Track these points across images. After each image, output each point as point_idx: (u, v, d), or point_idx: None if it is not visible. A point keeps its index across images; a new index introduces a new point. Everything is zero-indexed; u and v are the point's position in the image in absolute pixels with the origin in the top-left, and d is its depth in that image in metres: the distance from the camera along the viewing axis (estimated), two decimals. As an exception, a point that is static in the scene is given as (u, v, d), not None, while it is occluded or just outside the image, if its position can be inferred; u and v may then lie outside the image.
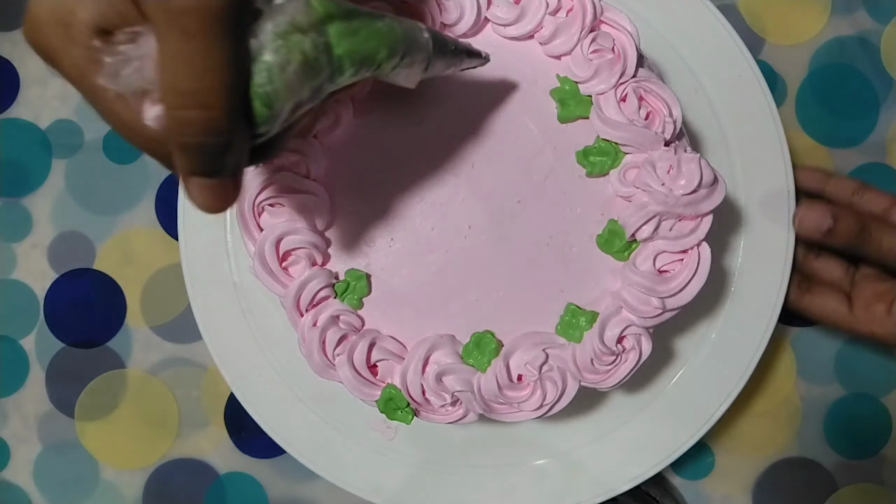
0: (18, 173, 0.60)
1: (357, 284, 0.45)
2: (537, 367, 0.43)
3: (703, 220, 0.42)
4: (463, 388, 0.42)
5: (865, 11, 0.59)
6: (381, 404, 0.43)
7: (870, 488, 0.58)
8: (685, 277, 0.42)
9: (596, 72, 0.43)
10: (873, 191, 0.52)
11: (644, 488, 0.55)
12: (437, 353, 0.43)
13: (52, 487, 0.60)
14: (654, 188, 0.41)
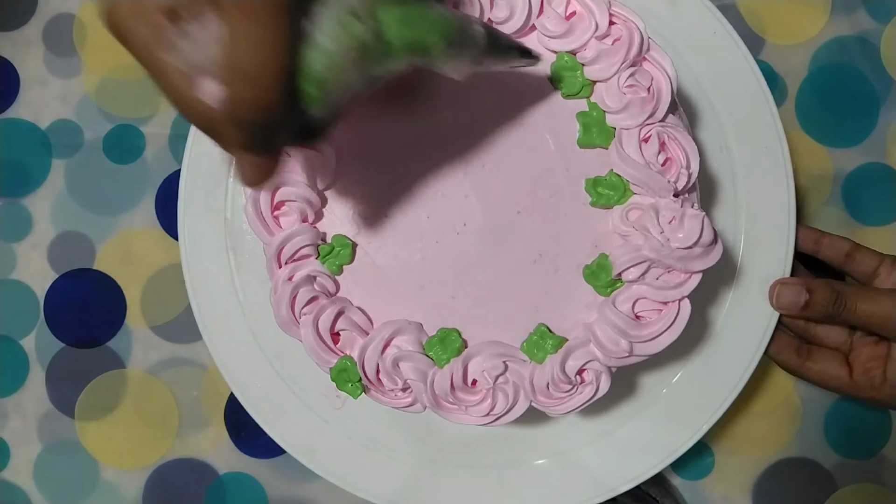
0: (18, 173, 0.60)
1: (341, 251, 0.45)
2: (494, 376, 0.43)
3: (692, 277, 0.42)
4: (417, 377, 0.43)
5: (865, 11, 0.59)
6: (333, 373, 0.44)
7: (870, 488, 0.58)
8: (660, 328, 0.42)
9: (627, 106, 0.43)
10: (865, 252, 0.52)
11: (644, 488, 0.55)
12: (401, 338, 0.44)
13: (52, 487, 0.60)
14: (652, 234, 0.41)
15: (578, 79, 0.44)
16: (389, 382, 0.43)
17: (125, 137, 0.60)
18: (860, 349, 0.51)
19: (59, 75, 0.60)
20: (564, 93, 0.45)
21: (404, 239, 0.45)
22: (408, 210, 0.45)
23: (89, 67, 0.60)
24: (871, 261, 0.52)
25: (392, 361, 0.43)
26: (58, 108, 0.60)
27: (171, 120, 0.60)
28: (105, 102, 0.60)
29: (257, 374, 0.53)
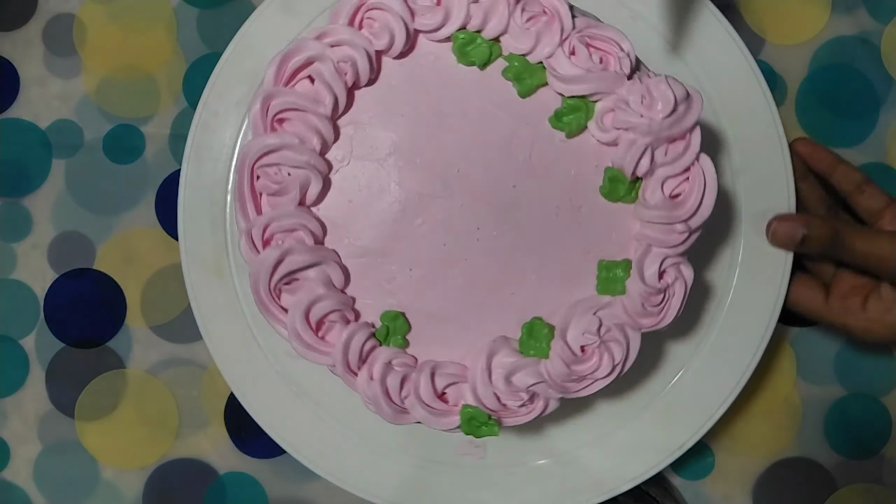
0: (18, 173, 0.60)
1: (395, 325, 0.44)
2: (595, 332, 0.42)
3: (692, 133, 0.42)
4: (534, 380, 0.42)
5: (866, 11, 0.59)
6: (464, 427, 0.43)
7: (870, 488, 0.58)
8: (697, 194, 0.42)
9: (537, 38, 0.43)
10: (876, 189, 0.52)
11: (644, 488, 0.55)
12: (497, 357, 0.43)
13: (52, 487, 0.60)
14: (635, 122, 0.41)
15: (482, 45, 0.44)
16: (514, 401, 0.43)
17: (125, 137, 0.60)
18: (844, 277, 0.52)
19: (59, 75, 0.60)
20: (479, 64, 0.44)
21: (438, 276, 0.45)
22: (423, 251, 0.45)
23: (89, 67, 0.60)
24: (879, 199, 0.51)
25: (504, 382, 0.42)
26: (58, 108, 0.60)
27: (171, 120, 0.60)
28: (105, 102, 0.60)
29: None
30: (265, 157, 0.43)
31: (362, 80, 0.44)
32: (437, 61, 0.45)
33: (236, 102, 0.53)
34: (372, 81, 0.45)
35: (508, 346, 0.44)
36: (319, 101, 0.43)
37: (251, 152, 0.42)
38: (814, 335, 0.59)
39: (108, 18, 0.60)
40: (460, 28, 0.44)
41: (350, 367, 0.43)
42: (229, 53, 0.53)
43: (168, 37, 0.60)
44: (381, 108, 0.45)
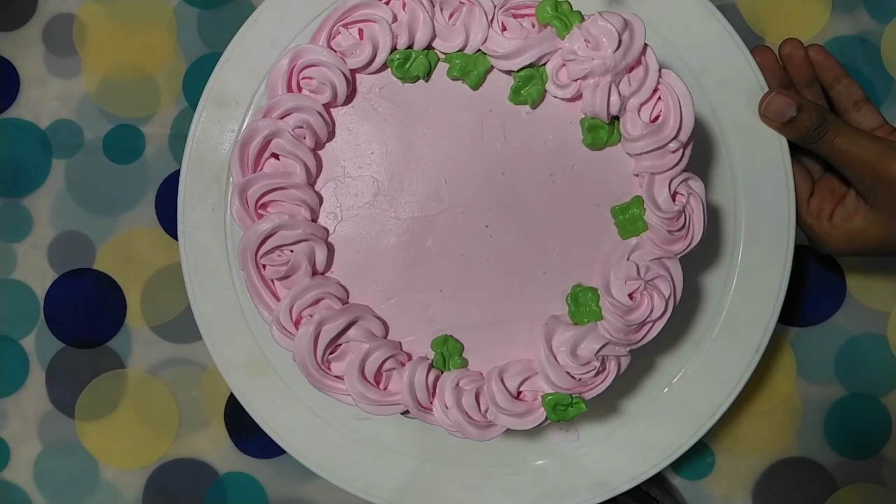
0: (18, 173, 0.60)
1: (448, 347, 0.44)
2: (636, 276, 0.42)
3: (645, 55, 0.42)
4: (599, 344, 0.42)
5: (865, 11, 0.59)
6: (551, 416, 0.43)
7: (870, 488, 0.58)
8: (674, 108, 0.42)
9: (465, 29, 0.43)
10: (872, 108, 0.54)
11: (644, 488, 0.55)
12: (556, 338, 0.43)
13: (52, 487, 0.60)
14: (590, 67, 0.42)
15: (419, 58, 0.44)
16: (587, 371, 0.42)
17: (125, 137, 0.60)
18: (826, 180, 0.54)
19: (59, 75, 0.60)
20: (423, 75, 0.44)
21: (469, 287, 0.45)
22: (443, 269, 0.45)
23: (89, 67, 0.60)
24: (873, 119, 0.53)
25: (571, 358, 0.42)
26: (58, 108, 0.60)
27: (171, 120, 0.60)
28: (105, 102, 0.60)
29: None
30: (264, 245, 0.42)
31: (322, 137, 0.44)
32: (384, 90, 0.45)
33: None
34: (331, 135, 0.45)
35: (562, 323, 0.44)
36: (292, 173, 0.43)
37: (249, 245, 0.42)
38: (814, 335, 0.59)
39: (108, 18, 0.60)
40: (391, 51, 0.44)
41: (422, 406, 0.43)
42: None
43: (168, 37, 0.60)
44: (350, 155, 0.45)
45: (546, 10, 0.42)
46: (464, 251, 0.45)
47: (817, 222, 0.52)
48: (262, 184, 0.43)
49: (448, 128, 0.45)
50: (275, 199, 0.43)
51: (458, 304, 0.45)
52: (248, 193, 0.42)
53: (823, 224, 0.52)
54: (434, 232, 0.45)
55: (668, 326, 0.44)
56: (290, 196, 0.43)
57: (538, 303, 0.45)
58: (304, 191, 0.43)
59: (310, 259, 0.43)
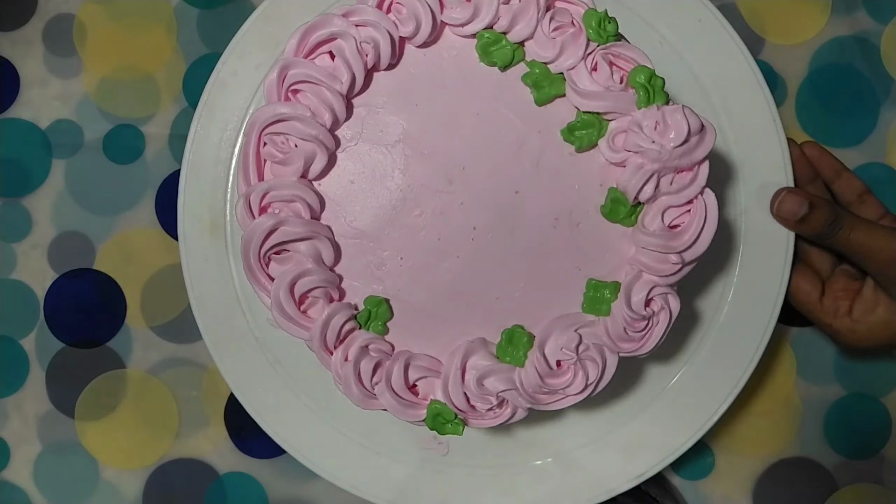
0: (18, 173, 0.60)
1: (378, 310, 0.44)
2: (573, 349, 0.42)
3: (701, 167, 0.42)
4: (506, 386, 0.42)
5: (865, 11, 0.59)
6: (429, 422, 0.43)
7: (870, 488, 0.58)
8: (696, 228, 0.42)
9: (561, 49, 0.43)
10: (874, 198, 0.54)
11: (644, 488, 0.55)
12: (473, 359, 0.43)
13: (52, 487, 0.60)
14: (646, 147, 0.41)
15: (506, 47, 0.44)
16: (483, 404, 0.43)
17: (125, 137, 0.60)
18: (838, 277, 0.53)
19: (59, 75, 0.60)
20: (500, 66, 0.44)
21: (428, 269, 0.45)
22: (417, 242, 0.45)
23: (89, 67, 0.60)
24: (877, 210, 0.53)
25: (476, 383, 0.42)
26: (58, 108, 0.60)
27: (171, 120, 0.60)
28: (105, 102, 0.60)
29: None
30: (275, 125, 0.42)
31: (382, 63, 0.44)
32: (459, 57, 0.45)
33: (255, 66, 0.53)
34: (392, 66, 0.44)
35: (486, 349, 0.44)
36: (337, 78, 0.43)
37: (261, 118, 0.42)
38: (814, 335, 0.59)
39: (108, 18, 0.60)
40: (487, 27, 0.43)
41: (326, 345, 0.43)
42: (256, 16, 0.53)
43: (168, 37, 0.60)
44: (396, 94, 0.45)
45: (640, 76, 0.42)
46: (442, 237, 0.45)
47: (837, 320, 0.51)
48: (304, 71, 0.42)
49: (494, 124, 0.45)
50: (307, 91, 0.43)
51: (410, 279, 0.45)
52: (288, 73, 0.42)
53: (843, 321, 0.51)
54: (426, 206, 0.45)
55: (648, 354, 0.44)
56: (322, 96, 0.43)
57: (477, 320, 0.45)
58: (338, 100, 0.43)
59: (307, 161, 0.43)
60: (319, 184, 0.45)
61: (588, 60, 0.43)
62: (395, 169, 0.45)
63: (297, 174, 0.43)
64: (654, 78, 0.42)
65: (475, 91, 0.45)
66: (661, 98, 0.42)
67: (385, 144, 0.45)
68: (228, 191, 0.53)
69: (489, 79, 0.45)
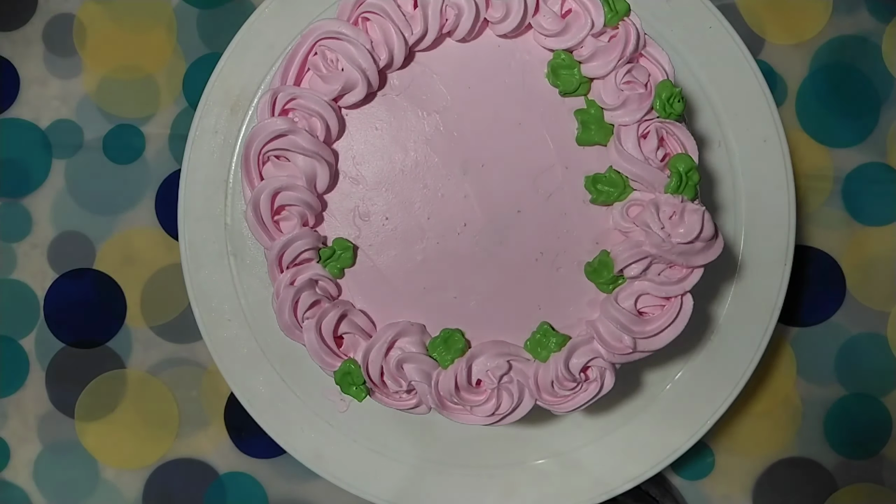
0: (18, 173, 0.60)
1: (342, 254, 0.45)
2: (498, 375, 0.43)
3: (694, 272, 0.42)
4: (421, 379, 0.43)
5: (867, 11, 0.59)
6: (338, 376, 0.44)
7: (870, 488, 0.58)
8: (663, 324, 0.42)
9: (624, 102, 0.43)
10: None
11: (644, 488, 0.55)
12: (404, 340, 0.44)
13: (52, 487, 0.60)
14: (653, 230, 0.41)
15: (576, 76, 0.44)
16: (394, 384, 0.43)
17: (125, 137, 0.60)
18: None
19: (59, 75, 0.60)
20: (562, 90, 0.44)
21: (405, 241, 0.45)
22: (408, 211, 0.45)
23: (89, 67, 0.60)
24: None
25: (396, 363, 0.43)
26: (58, 108, 0.60)
27: (171, 120, 0.60)
28: (105, 102, 0.60)
29: (257, 374, 0.53)
30: (331, 41, 0.43)
31: (458, 33, 0.44)
32: (529, 63, 0.45)
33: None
34: (464, 40, 0.44)
35: (420, 337, 0.44)
36: (409, 25, 0.43)
37: (321, 29, 0.42)
38: (814, 335, 0.59)
39: (108, 18, 0.60)
40: (567, 49, 0.44)
41: (281, 262, 0.44)
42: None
43: (168, 37, 0.60)
44: (457, 69, 0.45)
45: (681, 164, 0.42)
46: (432, 218, 0.45)
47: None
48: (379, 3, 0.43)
49: (529, 141, 0.45)
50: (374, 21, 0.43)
51: (385, 240, 0.45)
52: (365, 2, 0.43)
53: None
54: (432, 183, 0.45)
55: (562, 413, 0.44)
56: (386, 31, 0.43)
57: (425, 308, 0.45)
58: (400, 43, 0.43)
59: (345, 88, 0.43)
60: (347, 113, 0.45)
61: (642, 125, 0.43)
62: (421, 136, 0.45)
63: (331, 96, 0.43)
64: (693, 172, 0.42)
65: (527, 102, 0.45)
66: (690, 193, 0.42)
67: (423, 108, 0.45)
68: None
69: (545, 97, 0.45)
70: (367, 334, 0.44)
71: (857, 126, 0.59)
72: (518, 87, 0.45)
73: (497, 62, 0.45)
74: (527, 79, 0.45)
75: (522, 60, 0.45)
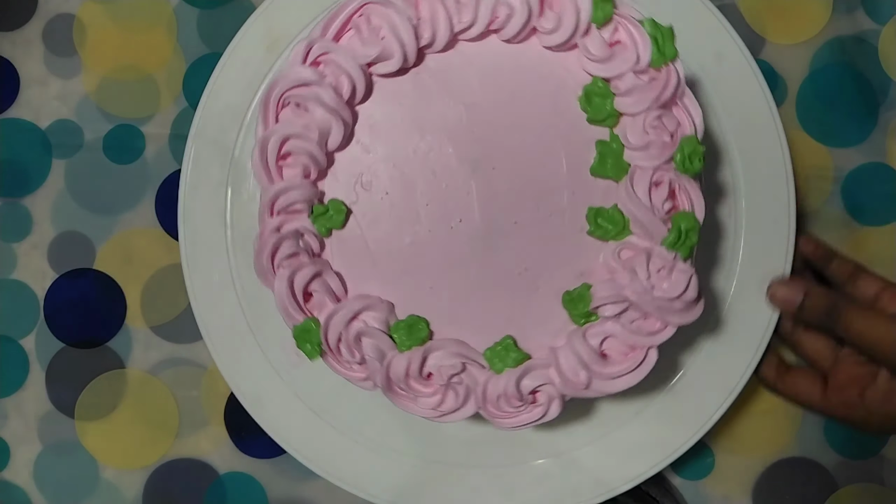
0: (18, 173, 0.60)
1: (334, 215, 0.45)
2: (449, 374, 0.43)
3: (667, 329, 0.42)
4: (375, 356, 0.43)
5: (864, 12, 0.59)
6: (296, 331, 0.44)
7: (870, 488, 0.58)
8: (622, 370, 0.42)
9: (647, 146, 0.43)
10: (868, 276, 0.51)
11: (644, 488, 0.55)
12: (369, 314, 0.44)
13: (52, 487, 0.60)
14: (639, 278, 0.41)
15: (607, 107, 0.44)
16: (348, 354, 0.44)
17: (125, 137, 0.60)
18: (842, 367, 0.51)
19: (59, 75, 0.60)
20: (590, 117, 0.44)
21: (399, 220, 0.45)
22: (410, 192, 0.45)
23: (89, 67, 0.60)
24: (873, 285, 0.51)
25: (355, 334, 0.43)
26: (58, 108, 0.60)
27: (171, 120, 0.60)
28: (105, 102, 0.60)
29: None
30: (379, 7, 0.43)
31: (506, 33, 0.44)
32: (566, 81, 0.45)
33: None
34: (510, 41, 0.44)
35: (385, 316, 0.44)
36: (459, 13, 0.43)
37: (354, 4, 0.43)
38: (814, 335, 0.59)
39: (108, 18, 0.60)
40: (606, 79, 0.44)
41: (273, 207, 0.44)
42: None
43: (168, 37, 0.60)
44: (495, 66, 0.45)
45: (684, 222, 0.42)
46: (430, 205, 0.45)
47: (850, 412, 0.50)
48: None
49: (545, 157, 0.45)
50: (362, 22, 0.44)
51: (378, 215, 0.45)
52: None
53: (858, 412, 0.49)
54: (440, 173, 0.45)
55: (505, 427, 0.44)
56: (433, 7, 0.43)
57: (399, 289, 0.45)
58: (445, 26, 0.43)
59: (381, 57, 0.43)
60: (377, 81, 0.45)
61: (657, 173, 0.43)
62: (442, 124, 0.45)
63: (365, 60, 0.43)
64: (693, 233, 0.42)
65: (553, 119, 0.45)
66: (684, 252, 0.42)
67: (452, 97, 0.45)
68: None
69: (572, 119, 0.45)
70: (336, 298, 0.44)
71: (857, 126, 0.59)
72: (549, 101, 0.45)
73: (535, 72, 0.45)
74: (559, 96, 0.45)
75: (560, 77, 0.45)
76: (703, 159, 0.43)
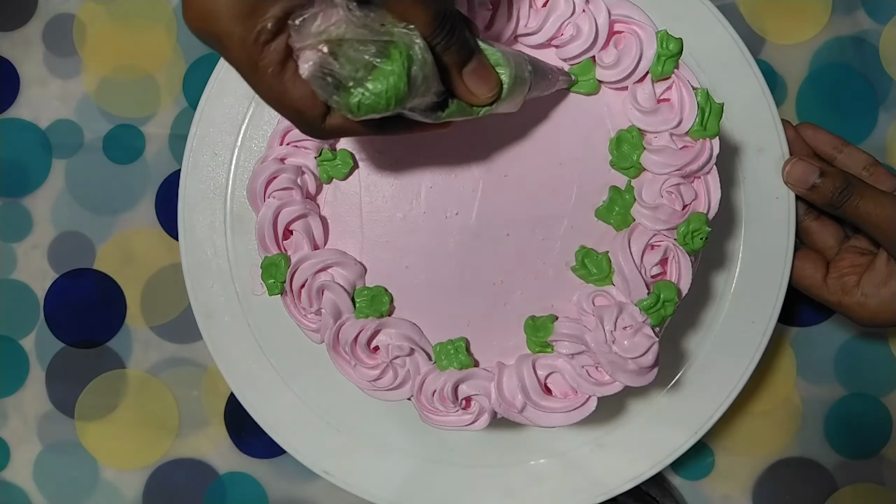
0: (18, 173, 0.60)
1: (340, 165, 0.45)
2: (394, 354, 0.43)
3: (614, 384, 0.42)
4: (330, 312, 0.43)
5: (864, 12, 0.59)
6: (265, 262, 0.44)
7: (870, 488, 0.58)
8: (558, 408, 0.43)
9: (656, 209, 0.43)
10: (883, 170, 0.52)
11: (644, 488, 0.55)
12: (339, 270, 0.44)
13: (52, 487, 0.60)
14: (603, 328, 0.42)
15: (633, 158, 0.44)
16: (306, 301, 0.44)
17: (125, 137, 0.60)
18: (844, 255, 0.52)
19: (59, 75, 0.60)
20: (614, 162, 0.45)
21: (398, 193, 0.46)
22: (417, 171, 0.46)
23: (89, 67, 0.60)
24: (887, 181, 0.51)
25: (319, 286, 0.43)
26: (58, 108, 0.60)
27: (171, 120, 0.60)
28: (105, 102, 0.60)
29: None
30: None
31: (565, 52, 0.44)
32: (601, 118, 0.45)
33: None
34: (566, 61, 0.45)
35: (353, 277, 0.45)
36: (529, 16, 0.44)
37: None
38: (814, 335, 0.59)
39: (108, 18, 0.60)
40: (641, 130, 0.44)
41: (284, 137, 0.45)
42: None
43: (168, 37, 0.60)
44: None
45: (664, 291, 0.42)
46: (434, 189, 0.46)
47: (846, 297, 0.51)
48: None
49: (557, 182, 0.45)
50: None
51: (380, 179, 0.46)
52: None
53: (853, 297, 0.50)
54: (450, 162, 0.45)
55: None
56: None
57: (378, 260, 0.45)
58: None
59: None
60: None
61: (657, 237, 0.43)
62: (471, 131, 0.44)
63: None
64: (671, 305, 0.42)
65: (579, 150, 0.45)
66: (655, 319, 0.42)
67: None
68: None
69: (596, 158, 0.45)
70: (314, 245, 0.45)
71: (857, 126, 0.59)
72: (582, 132, 0.45)
73: (580, 99, 0.45)
74: (594, 131, 0.45)
75: (600, 113, 0.45)
76: (705, 240, 0.43)
